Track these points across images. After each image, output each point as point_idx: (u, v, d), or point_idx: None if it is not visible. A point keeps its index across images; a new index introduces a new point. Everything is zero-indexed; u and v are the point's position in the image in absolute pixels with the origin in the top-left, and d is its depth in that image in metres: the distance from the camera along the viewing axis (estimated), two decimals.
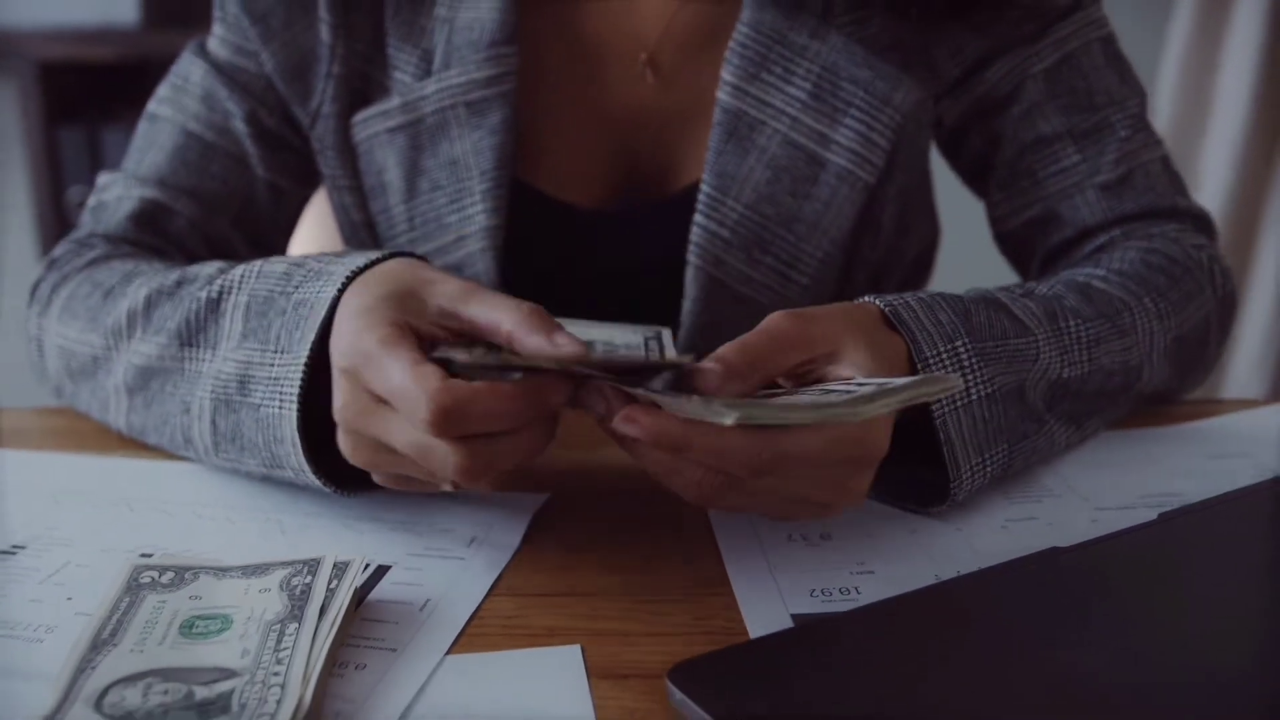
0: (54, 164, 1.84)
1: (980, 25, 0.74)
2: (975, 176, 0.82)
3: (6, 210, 2.03)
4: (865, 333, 0.54)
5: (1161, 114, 1.96)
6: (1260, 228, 1.98)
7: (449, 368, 0.49)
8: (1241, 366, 2.00)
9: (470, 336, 0.52)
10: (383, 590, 0.53)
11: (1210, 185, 1.95)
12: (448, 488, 0.51)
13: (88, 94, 1.89)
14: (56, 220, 1.85)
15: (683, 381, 0.51)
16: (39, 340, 0.73)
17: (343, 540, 0.57)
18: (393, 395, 0.49)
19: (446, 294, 0.53)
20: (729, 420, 0.43)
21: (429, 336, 0.52)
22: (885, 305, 0.57)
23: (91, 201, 0.79)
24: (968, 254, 0.99)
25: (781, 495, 0.51)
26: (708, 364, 0.49)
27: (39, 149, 1.83)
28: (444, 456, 0.48)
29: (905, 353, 0.56)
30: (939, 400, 0.55)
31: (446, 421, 0.46)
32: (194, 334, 0.61)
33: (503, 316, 0.50)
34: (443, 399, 0.46)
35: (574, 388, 0.50)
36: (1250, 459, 0.67)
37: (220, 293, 0.61)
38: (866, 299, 0.58)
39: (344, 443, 0.53)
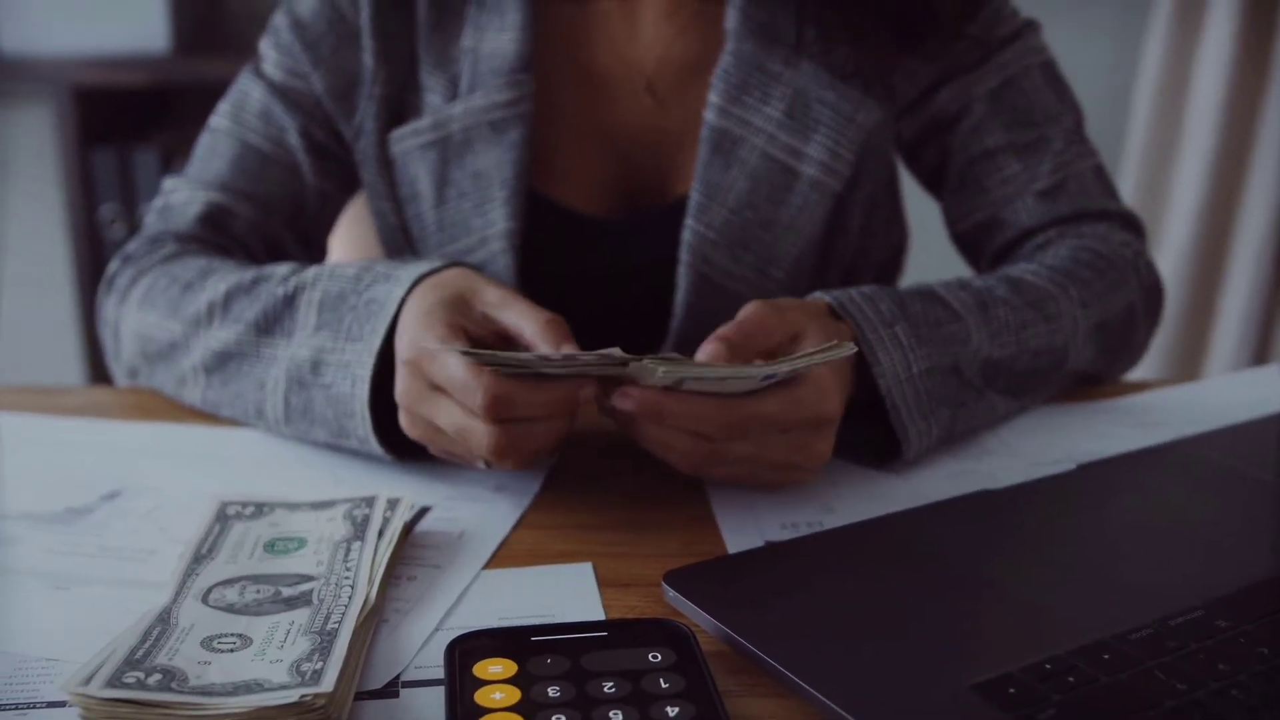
0: (87, 184, 1.94)
1: (932, 55, 0.85)
2: (931, 184, 0.93)
3: (42, 226, 2.12)
4: (820, 319, 0.66)
5: (1136, 130, 2.06)
6: (1231, 241, 2.07)
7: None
8: (1214, 370, 2.10)
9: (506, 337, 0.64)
10: (426, 524, 0.63)
11: (1183, 198, 2.04)
12: (481, 465, 0.63)
13: (119, 118, 1.98)
14: (89, 236, 1.95)
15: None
16: (115, 326, 0.83)
17: (389, 487, 0.67)
18: (451, 384, 0.60)
19: (488, 301, 0.65)
20: (660, 372, 0.56)
21: (476, 336, 0.64)
22: (832, 299, 0.68)
23: (159, 204, 0.90)
24: (936, 255, 1.10)
25: (760, 463, 0.62)
26: (710, 344, 0.61)
27: (73, 169, 1.92)
28: (481, 437, 0.60)
29: (852, 336, 0.67)
30: (884, 376, 0.66)
31: (497, 406, 0.58)
32: (271, 324, 0.72)
33: (525, 325, 0.63)
34: (496, 389, 0.58)
35: (597, 390, 0.61)
36: (1169, 428, 0.77)
37: (295, 289, 0.72)
38: (816, 294, 0.69)
39: (404, 420, 0.65)
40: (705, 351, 0.61)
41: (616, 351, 0.57)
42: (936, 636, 0.50)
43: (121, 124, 1.97)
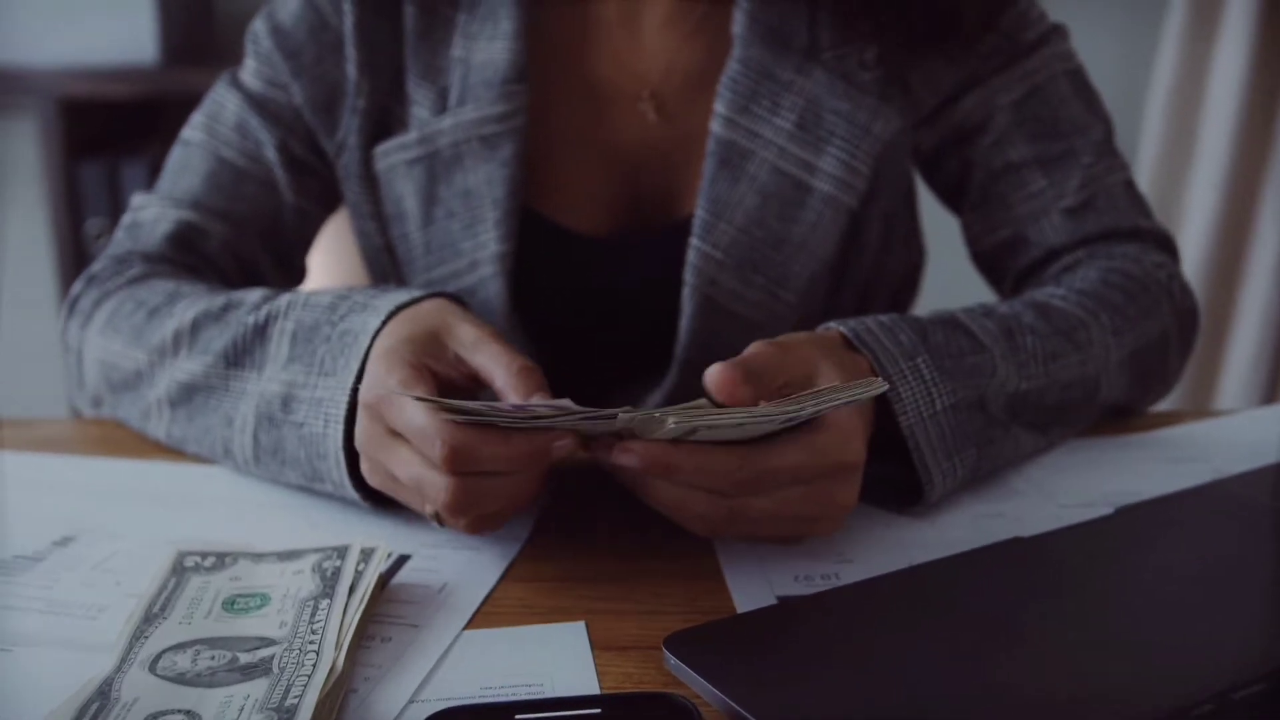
0: (73, 198, 1.89)
1: (955, 57, 0.80)
2: (951, 199, 0.88)
3: (27, 240, 2.08)
4: (834, 354, 0.60)
5: (1149, 141, 2.01)
6: (1246, 254, 2.02)
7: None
8: (1230, 386, 2.05)
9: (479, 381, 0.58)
10: (404, 576, 0.58)
11: (1198, 209, 2.00)
12: (434, 521, 0.57)
13: (107, 130, 1.94)
14: (75, 252, 1.90)
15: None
16: (79, 352, 0.78)
17: (367, 534, 0.62)
18: (409, 432, 0.54)
19: (461, 341, 0.59)
20: (671, 423, 0.50)
21: (446, 378, 0.58)
22: (848, 330, 0.62)
23: (127, 220, 0.84)
24: (955, 275, 1.05)
25: (781, 517, 0.56)
26: (721, 370, 0.54)
27: (59, 183, 1.88)
28: (438, 491, 0.54)
29: (869, 371, 0.61)
30: (905, 414, 0.61)
31: (456, 458, 0.52)
32: (240, 355, 0.67)
33: (496, 372, 0.57)
34: (456, 439, 0.52)
35: (577, 444, 0.54)
36: (1208, 464, 0.72)
37: (267, 319, 0.67)
38: (830, 325, 0.63)
39: (364, 467, 0.59)
40: (714, 376, 0.54)
41: (621, 412, 0.50)
42: (966, 717, 0.45)
43: (109, 137, 1.93)
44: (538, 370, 0.56)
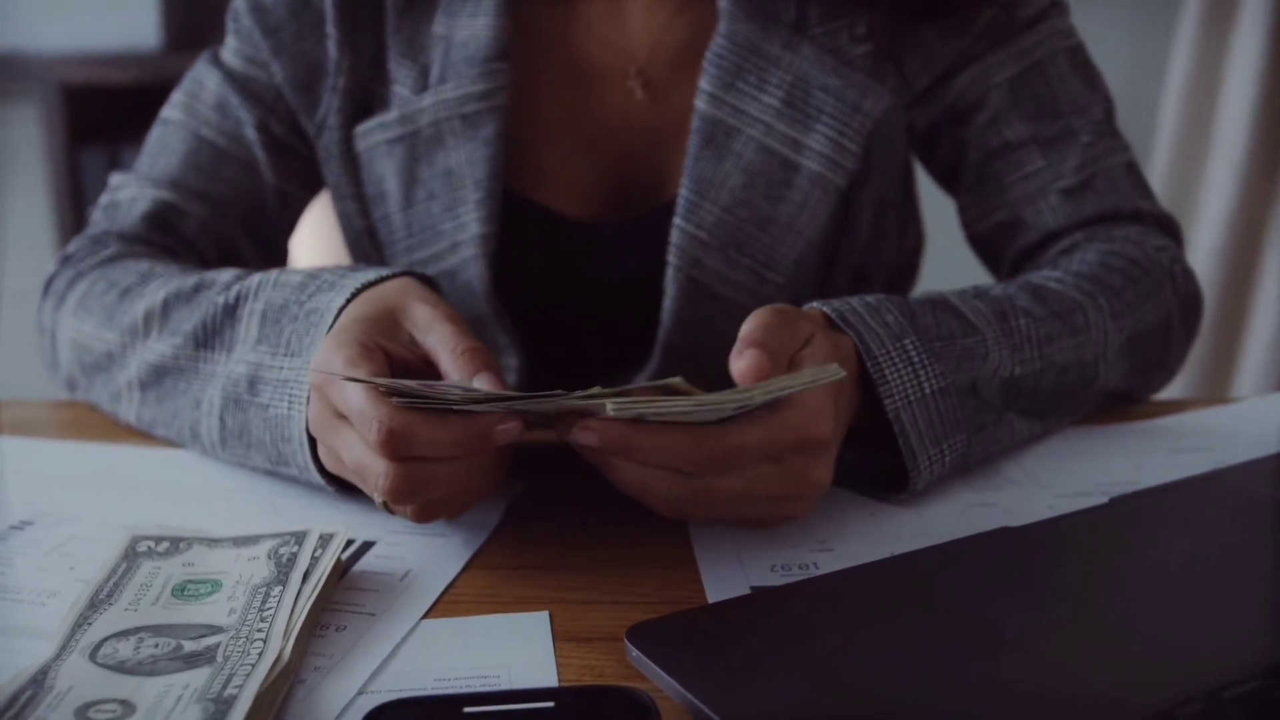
0: (75, 184, 1.88)
1: (949, 33, 0.77)
2: (946, 181, 0.85)
3: (29, 226, 2.07)
4: (823, 328, 0.58)
5: (1164, 133, 1.98)
6: (1262, 247, 1.99)
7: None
8: (1246, 379, 2.01)
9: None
10: (366, 563, 0.56)
11: (1213, 203, 1.97)
12: (380, 507, 0.54)
13: (109, 116, 1.93)
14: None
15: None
16: (52, 333, 0.76)
17: (331, 519, 0.60)
18: (350, 414, 0.52)
19: (415, 322, 0.57)
20: (609, 409, 0.47)
21: (399, 358, 0.56)
22: (832, 310, 0.60)
23: (104, 200, 0.83)
24: (956, 260, 1.02)
25: (751, 497, 0.53)
26: (749, 355, 0.51)
27: (61, 169, 1.87)
28: (378, 477, 0.51)
29: (854, 351, 0.59)
30: (891, 397, 0.58)
31: (393, 442, 0.50)
32: (210, 337, 0.65)
33: (442, 353, 0.55)
34: (392, 422, 0.49)
35: (524, 428, 0.52)
36: (1211, 453, 0.69)
37: (237, 299, 0.65)
38: (814, 304, 0.61)
39: (319, 449, 0.57)
40: (744, 364, 0.51)
41: (561, 396, 0.48)
42: (946, 714, 0.42)
43: (111, 122, 1.92)
44: (484, 351, 0.54)
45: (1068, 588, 0.52)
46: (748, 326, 0.54)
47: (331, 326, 0.58)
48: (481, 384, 0.52)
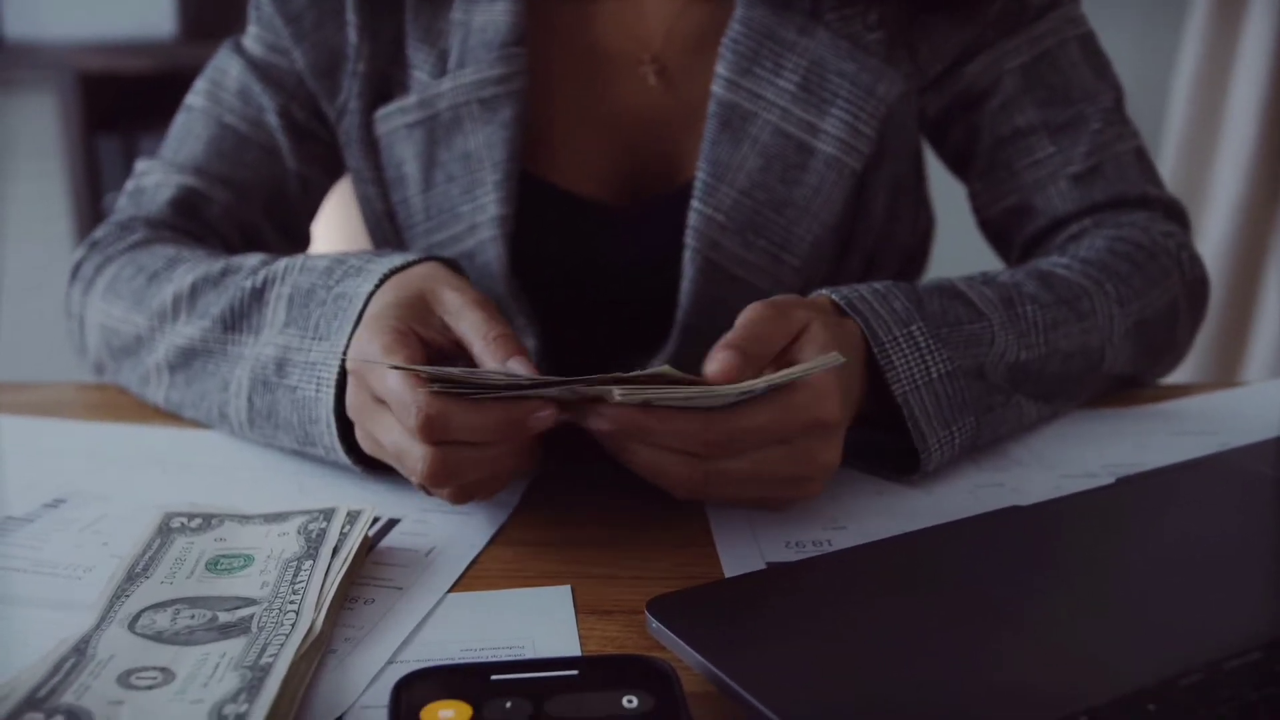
0: (92, 172, 1.90)
1: (962, 19, 0.78)
2: (958, 166, 0.86)
3: (46, 215, 2.08)
4: (826, 315, 0.59)
5: (1174, 124, 1.99)
6: (1271, 237, 2.00)
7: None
8: (1254, 367, 2.02)
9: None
10: (392, 539, 0.57)
11: (1223, 193, 1.97)
12: (420, 490, 0.56)
13: (125, 104, 1.94)
14: (94, 226, 1.90)
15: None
16: (81, 318, 0.78)
17: (358, 498, 0.62)
18: (389, 399, 0.54)
19: (445, 307, 0.58)
20: (617, 395, 0.49)
21: (433, 344, 0.57)
22: (840, 297, 0.61)
23: (130, 186, 0.84)
24: (965, 245, 1.03)
25: (761, 479, 0.55)
26: (720, 354, 0.53)
27: (78, 157, 1.88)
28: (416, 460, 0.53)
29: (861, 337, 0.60)
30: (899, 381, 0.60)
31: (431, 427, 0.51)
32: (238, 319, 0.67)
33: (474, 339, 0.56)
34: (431, 408, 0.51)
35: (558, 413, 0.53)
36: (1216, 436, 0.70)
37: (265, 282, 0.66)
38: (821, 292, 0.62)
39: (357, 432, 0.59)
40: (715, 363, 0.53)
41: (572, 382, 0.50)
42: (956, 685, 0.44)
43: (127, 111, 1.93)
44: (514, 337, 0.56)
45: (1074, 565, 0.54)
46: (741, 320, 0.56)
47: (361, 312, 0.60)
48: (515, 369, 0.54)
